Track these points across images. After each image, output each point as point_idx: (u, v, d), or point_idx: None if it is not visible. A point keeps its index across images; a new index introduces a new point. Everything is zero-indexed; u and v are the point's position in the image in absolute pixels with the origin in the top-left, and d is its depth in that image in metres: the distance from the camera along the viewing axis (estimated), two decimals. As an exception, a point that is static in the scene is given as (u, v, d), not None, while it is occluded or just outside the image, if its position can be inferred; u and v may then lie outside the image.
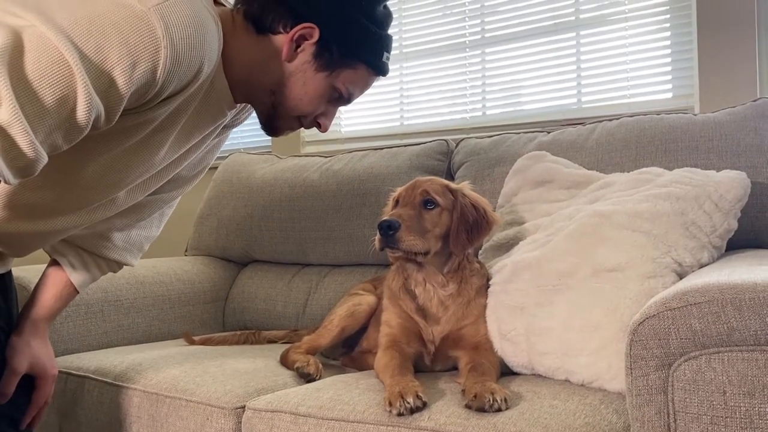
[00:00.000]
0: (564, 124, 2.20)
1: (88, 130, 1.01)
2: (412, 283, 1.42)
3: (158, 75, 1.02)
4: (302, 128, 1.32)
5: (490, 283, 1.43)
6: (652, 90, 2.18)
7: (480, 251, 1.64)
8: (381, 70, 1.27)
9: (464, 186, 1.47)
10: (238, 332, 1.88)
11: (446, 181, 1.46)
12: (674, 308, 0.92)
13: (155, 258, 2.13)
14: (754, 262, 1.19)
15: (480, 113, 2.48)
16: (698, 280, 0.95)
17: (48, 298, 1.39)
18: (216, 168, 2.45)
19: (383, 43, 1.25)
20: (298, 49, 1.19)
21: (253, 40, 1.20)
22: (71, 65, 0.94)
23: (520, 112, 2.40)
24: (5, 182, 0.96)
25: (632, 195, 1.38)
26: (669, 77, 2.15)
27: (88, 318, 1.81)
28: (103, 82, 0.98)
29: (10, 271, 1.36)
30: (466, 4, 2.50)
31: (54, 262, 1.41)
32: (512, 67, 2.42)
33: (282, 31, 1.19)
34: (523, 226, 1.57)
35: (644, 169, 1.49)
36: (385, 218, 1.34)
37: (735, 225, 1.36)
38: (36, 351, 1.33)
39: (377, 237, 1.32)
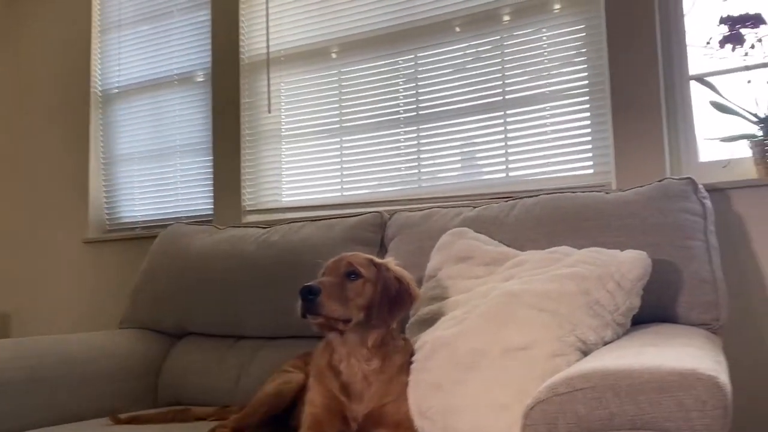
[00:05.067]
0: (492, 197, 2.30)
1: None
2: (337, 359, 1.45)
3: None
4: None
5: (412, 360, 1.47)
6: (575, 166, 2.30)
7: (406, 326, 1.68)
8: None
9: (389, 261, 1.54)
10: (166, 410, 1.86)
11: (371, 256, 1.52)
12: (561, 393, 0.97)
13: (86, 333, 2.12)
14: (647, 341, 1.26)
15: (416, 185, 2.57)
16: (585, 366, 1.02)
17: None
18: (154, 238, 2.46)
19: None
20: None
21: None
22: None
23: (451, 186, 2.50)
24: None
25: (542, 274, 1.45)
26: (590, 154, 2.28)
27: (15, 397, 1.77)
28: None
29: None
30: (400, 83, 2.62)
31: None
32: (445, 143, 2.53)
33: None
34: (445, 302, 1.62)
35: (555, 249, 1.57)
36: (306, 284, 1.37)
37: (637, 303, 1.42)
38: None
39: (299, 303, 1.36)
